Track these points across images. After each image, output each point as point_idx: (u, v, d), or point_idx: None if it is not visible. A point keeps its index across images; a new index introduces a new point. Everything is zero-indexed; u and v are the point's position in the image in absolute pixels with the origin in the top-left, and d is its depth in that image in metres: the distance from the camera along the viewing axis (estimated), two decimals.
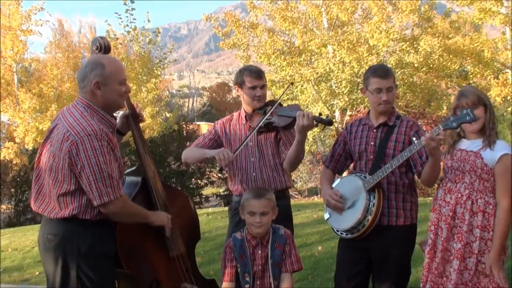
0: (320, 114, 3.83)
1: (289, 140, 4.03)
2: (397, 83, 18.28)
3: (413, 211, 3.79)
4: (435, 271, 3.42)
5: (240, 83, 4.17)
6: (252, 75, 4.10)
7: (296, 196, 20.03)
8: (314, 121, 3.67)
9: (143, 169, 3.66)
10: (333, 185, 3.99)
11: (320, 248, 7.67)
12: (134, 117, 3.71)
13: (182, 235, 3.71)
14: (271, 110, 3.97)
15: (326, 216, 3.96)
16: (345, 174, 4.42)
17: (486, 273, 3.31)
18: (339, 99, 18.41)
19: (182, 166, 16.90)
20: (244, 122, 4.22)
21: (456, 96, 3.54)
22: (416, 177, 3.80)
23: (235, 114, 4.37)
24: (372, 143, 3.80)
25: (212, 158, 4.01)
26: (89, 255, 3.14)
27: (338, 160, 4.07)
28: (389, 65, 17.67)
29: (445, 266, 3.43)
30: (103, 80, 3.20)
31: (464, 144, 3.50)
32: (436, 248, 3.49)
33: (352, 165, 4.13)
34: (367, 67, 7.99)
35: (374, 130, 3.82)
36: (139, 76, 19.68)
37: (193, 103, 62.08)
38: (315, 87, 18.96)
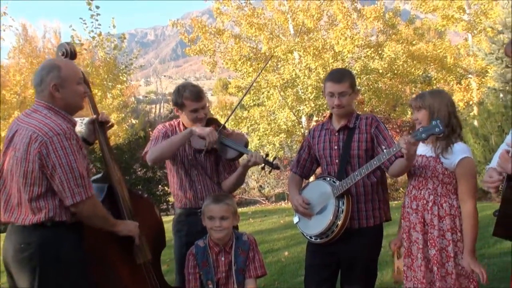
0: (267, 155, 3.94)
1: (229, 164, 4.11)
2: (362, 88, 18.64)
3: (381, 209, 3.81)
4: (423, 280, 3.43)
5: (180, 106, 4.05)
6: (192, 98, 3.99)
7: (263, 202, 20.04)
8: (263, 163, 3.79)
9: (109, 176, 3.62)
10: (302, 190, 4.00)
11: (286, 253, 7.68)
12: (100, 123, 3.67)
13: (147, 242, 3.68)
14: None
15: (296, 220, 3.97)
16: (311, 178, 4.44)
17: (465, 275, 3.36)
18: (305, 104, 18.51)
19: (148, 173, 16.73)
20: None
21: (418, 95, 3.61)
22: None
23: (176, 122, 4.26)
24: (336, 147, 3.82)
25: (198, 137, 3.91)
26: (69, 260, 3.07)
27: (304, 166, 4.09)
28: (354, 71, 17.89)
29: (428, 274, 3.44)
30: (61, 82, 3.16)
31: (423, 148, 3.53)
32: (412, 256, 3.52)
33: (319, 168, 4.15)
34: None
35: (336, 134, 3.84)
36: (105, 82, 19.52)
37: (160, 109, 61.65)
38: (282, 93, 19.04)
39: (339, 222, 3.60)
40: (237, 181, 4.04)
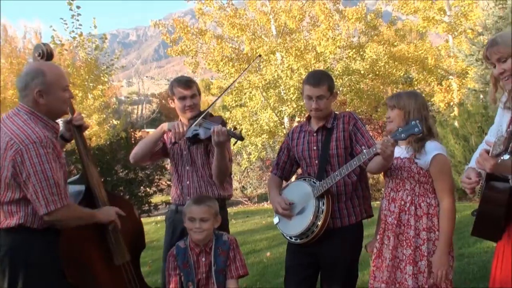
0: (235, 128, 3.82)
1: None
2: (344, 89, 18.70)
3: (361, 206, 3.83)
4: (389, 280, 3.45)
5: (171, 95, 4.23)
6: (180, 85, 4.12)
7: (246, 203, 20.00)
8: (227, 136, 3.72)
9: (86, 177, 3.60)
10: (282, 190, 4.01)
11: (268, 254, 7.69)
12: (76, 124, 3.64)
13: (126, 243, 3.65)
14: (197, 122, 3.97)
15: (276, 220, 3.97)
16: (293, 178, 4.45)
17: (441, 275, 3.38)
18: (288, 105, 18.53)
19: (130, 174, 16.62)
20: None
21: (394, 94, 3.63)
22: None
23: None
24: (315, 147, 3.83)
25: (169, 131, 4.03)
26: (38, 265, 3.06)
27: (284, 167, 4.10)
28: (336, 72, 17.98)
29: (396, 273, 3.46)
30: (46, 88, 3.14)
31: (398, 150, 3.53)
32: (382, 257, 3.53)
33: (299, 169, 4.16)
34: None
35: (315, 134, 3.86)
36: (86, 83, 19.36)
37: (142, 109, 61.33)
38: (264, 94, 19.06)
39: (319, 222, 3.61)
40: (218, 164, 3.93)
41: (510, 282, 2.87)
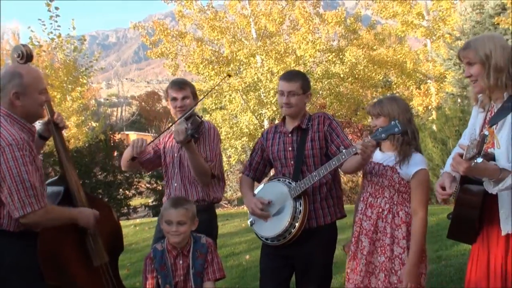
0: (196, 128, 3.82)
1: (203, 149, 4.06)
2: (324, 93, 18.78)
3: (336, 206, 3.85)
4: (361, 284, 3.47)
5: (166, 96, 4.28)
6: (172, 87, 4.16)
7: (226, 205, 19.99)
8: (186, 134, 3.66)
9: (65, 178, 3.57)
10: (256, 191, 4.00)
11: (247, 257, 7.68)
12: (55, 124, 3.62)
13: (105, 245, 3.63)
14: (177, 120, 3.96)
15: (250, 222, 3.93)
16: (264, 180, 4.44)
17: (416, 281, 3.39)
18: (268, 108, 18.57)
19: (109, 177, 16.55)
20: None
21: (375, 102, 3.65)
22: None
23: None
24: (290, 148, 3.84)
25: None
26: (16, 268, 3.03)
27: (257, 168, 4.09)
28: (315, 75, 18.06)
29: (370, 279, 3.48)
30: (22, 90, 3.12)
31: (378, 156, 3.56)
32: (357, 260, 3.54)
33: (272, 170, 4.16)
34: None
35: (289, 135, 3.87)
36: (64, 85, 19.23)
37: (121, 112, 61.02)
38: (244, 97, 19.07)
39: (297, 224, 3.61)
40: (192, 163, 3.89)
41: (484, 284, 2.91)
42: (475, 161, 2.47)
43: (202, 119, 4.08)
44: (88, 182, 15.45)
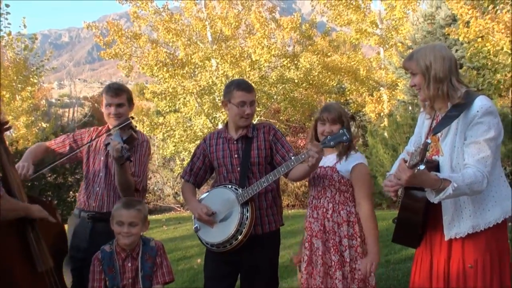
0: (128, 149, 3.63)
1: (133, 164, 3.96)
2: (278, 98, 18.87)
3: (279, 214, 3.90)
4: (321, 285, 3.50)
5: (101, 100, 4.18)
6: (109, 93, 4.04)
7: (178, 209, 19.87)
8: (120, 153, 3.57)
9: (6, 181, 3.48)
10: (202, 197, 3.95)
11: (199, 260, 7.64)
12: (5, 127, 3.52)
13: (49, 248, 3.55)
14: (113, 131, 3.94)
15: (195, 228, 3.87)
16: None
17: (361, 279, 3.46)
18: (222, 112, 18.55)
19: (59, 179, 16.20)
20: (105, 136, 4.13)
21: (321, 109, 3.70)
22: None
23: (106, 126, 4.24)
24: (236, 155, 3.83)
25: None
26: None
27: (198, 174, 4.03)
28: (270, 80, 18.16)
29: (327, 279, 3.52)
30: None
31: (321, 160, 3.62)
32: (313, 264, 3.58)
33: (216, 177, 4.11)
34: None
35: (235, 143, 3.86)
36: (13, 84, 18.81)
37: (73, 113, 59.93)
38: (198, 100, 19.01)
39: (244, 230, 3.60)
40: (117, 179, 3.82)
41: (427, 285, 2.99)
42: (418, 168, 2.53)
43: (137, 131, 4.06)
44: (37, 184, 15.10)
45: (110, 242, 3.65)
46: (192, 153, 4.22)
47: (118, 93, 4.04)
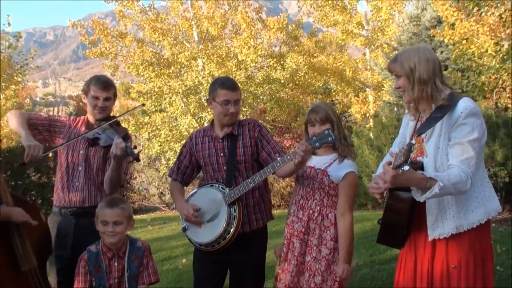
0: (135, 146, 3.76)
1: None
2: (264, 98, 18.88)
3: (267, 211, 3.91)
4: (291, 284, 3.54)
5: (85, 91, 4.07)
6: (98, 85, 4.00)
7: (164, 209, 19.78)
8: (125, 153, 3.61)
9: None
10: (189, 198, 3.95)
11: (184, 261, 7.64)
12: None
13: (33, 247, 3.52)
14: (102, 126, 3.92)
15: (183, 228, 3.89)
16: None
17: (336, 280, 3.49)
18: (208, 112, 18.51)
19: (43, 178, 16.05)
20: (83, 129, 4.10)
21: (308, 110, 3.71)
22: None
23: (82, 118, 4.21)
24: (222, 154, 3.83)
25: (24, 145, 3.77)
26: None
27: (185, 172, 4.03)
28: (256, 80, 18.16)
29: (299, 278, 3.57)
30: None
31: (314, 160, 3.65)
32: (287, 261, 3.62)
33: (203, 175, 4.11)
34: None
35: (220, 141, 3.86)
36: None
37: (58, 112, 59.58)
38: (184, 100, 18.96)
39: (232, 229, 3.62)
40: (111, 175, 3.83)
41: (411, 285, 3.02)
42: (402, 169, 2.54)
43: (123, 128, 4.06)
44: (21, 184, 14.94)
45: (96, 242, 3.63)
46: (178, 152, 4.21)
47: (107, 87, 4.03)
